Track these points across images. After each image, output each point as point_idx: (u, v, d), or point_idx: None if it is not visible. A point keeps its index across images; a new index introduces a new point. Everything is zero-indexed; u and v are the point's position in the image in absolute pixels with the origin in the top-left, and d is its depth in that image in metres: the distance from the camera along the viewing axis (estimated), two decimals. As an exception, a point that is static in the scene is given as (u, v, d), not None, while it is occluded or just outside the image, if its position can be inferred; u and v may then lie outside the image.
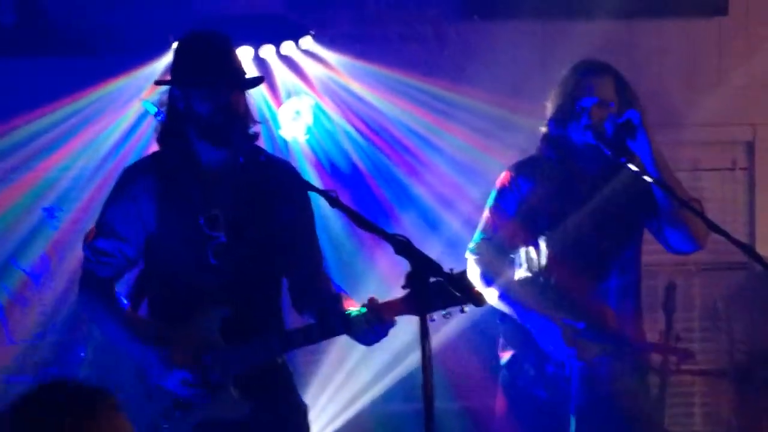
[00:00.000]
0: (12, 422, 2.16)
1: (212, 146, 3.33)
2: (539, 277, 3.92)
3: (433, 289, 3.13)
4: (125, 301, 3.47)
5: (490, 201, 4.02)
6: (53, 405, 2.17)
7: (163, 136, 3.42)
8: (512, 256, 4.01)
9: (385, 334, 3.27)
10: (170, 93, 3.38)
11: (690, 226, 3.79)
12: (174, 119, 3.37)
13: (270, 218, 3.43)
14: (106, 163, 5.48)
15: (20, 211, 5.43)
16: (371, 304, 3.25)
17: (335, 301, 3.38)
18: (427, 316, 3.13)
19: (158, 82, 3.53)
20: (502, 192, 3.98)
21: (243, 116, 3.32)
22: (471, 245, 4.00)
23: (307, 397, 5.14)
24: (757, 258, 3.49)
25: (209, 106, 3.26)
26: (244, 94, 3.36)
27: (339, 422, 5.16)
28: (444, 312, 3.22)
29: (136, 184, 3.39)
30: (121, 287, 3.50)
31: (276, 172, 3.43)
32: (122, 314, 3.41)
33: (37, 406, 2.17)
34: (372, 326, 3.23)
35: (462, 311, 3.24)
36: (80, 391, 2.21)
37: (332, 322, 3.30)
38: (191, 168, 3.37)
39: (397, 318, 3.27)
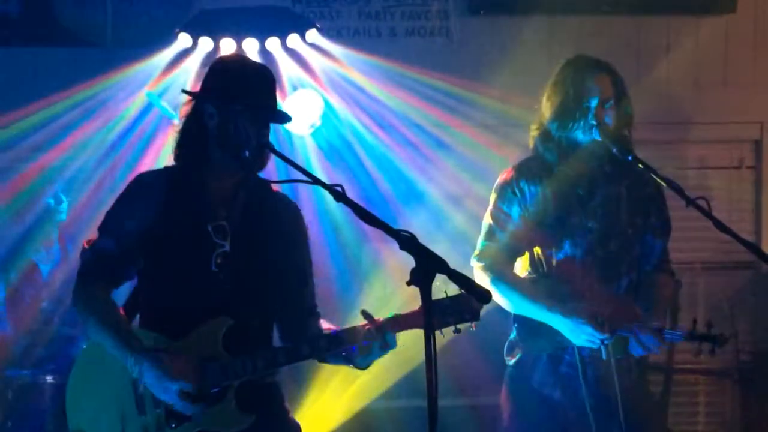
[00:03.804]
0: None
1: (236, 165, 3.34)
2: (547, 279, 3.90)
3: (443, 305, 3.16)
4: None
5: (491, 205, 3.97)
6: None
7: (182, 150, 3.41)
8: (519, 259, 3.97)
9: (385, 351, 3.28)
10: (200, 108, 3.36)
11: None
12: (198, 133, 3.37)
13: (273, 242, 3.43)
14: (111, 153, 5.48)
15: (26, 200, 5.41)
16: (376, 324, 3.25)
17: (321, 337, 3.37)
18: (438, 332, 3.15)
19: (203, 96, 3.42)
20: (503, 195, 3.93)
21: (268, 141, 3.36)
22: (476, 252, 3.95)
23: (312, 393, 5.16)
24: (764, 257, 3.48)
25: (248, 129, 3.28)
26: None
27: (344, 418, 5.16)
28: (454, 329, 3.24)
29: (146, 191, 3.38)
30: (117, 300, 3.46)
31: (287, 209, 3.47)
32: (119, 322, 3.36)
33: None
34: (372, 342, 3.25)
35: (472, 328, 3.25)
36: None
37: (342, 335, 3.31)
38: (207, 182, 3.38)
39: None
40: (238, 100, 3.31)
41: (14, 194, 5.33)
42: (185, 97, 3.43)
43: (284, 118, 3.46)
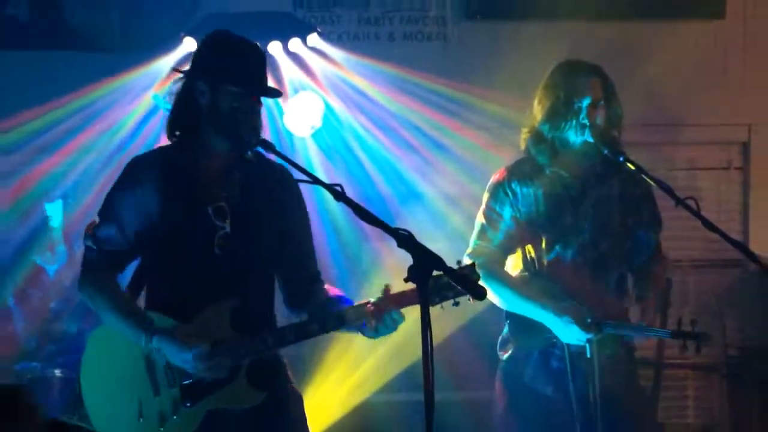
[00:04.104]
0: None
1: (229, 144, 3.34)
2: (538, 278, 3.90)
3: (441, 280, 3.14)
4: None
5: (483, 205, 3.98)
6: None
7: (175, 130, 3.39)
8: (512, 257, 3.98)
9: (393, 328, 3.28)
10: (191, 85, 3.34)
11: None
12: (190, 111, 3.35)
13: (272, 214, 3.44)
14: (117, 154, 5.48)
15: (30, 203, 5.38)
16: (379, 301, 3.27)
17: (330, 302, 3.40)
18: (440, 305, 3.17)
19: (194, 73, 3.38)
20: (496, 196, 3.94)
21: (260, 119, 3.37)
22: (468, 251, 3.96)
23: (313, 386, 5.17)
24: (751, 256, 3.49)
25: (238, 106, 3.29)
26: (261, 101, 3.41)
27: (344, 410, 5.17)
28: (452, 302, 3.22)
29: (142, 175, 3.37)
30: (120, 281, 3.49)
31: (281, 178, 3.44)
32: (126, 304, 3.38)
33: None
34: (381, 318, 3.26)
35: (470, 301, 3.24)
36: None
37: (349, 312, 3.31)
38: (201, 161, 3.37)
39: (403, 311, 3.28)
40: (229, 77, 3.28)
41: (19, 197, 5.28)
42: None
43: (274, 93, 3.44)
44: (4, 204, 5.30)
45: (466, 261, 3.88)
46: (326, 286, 3.51)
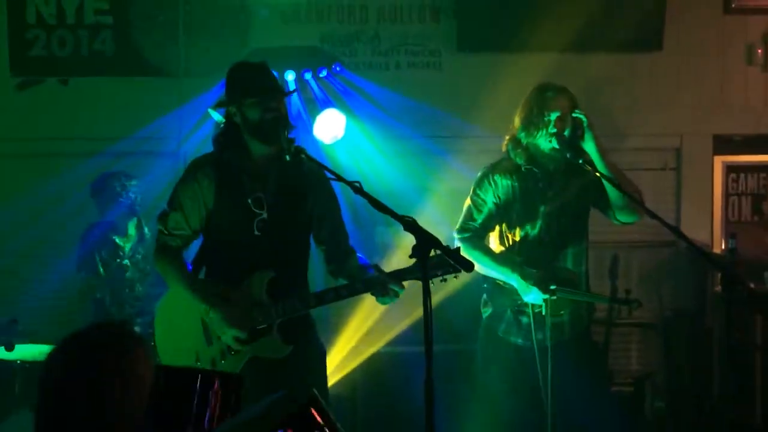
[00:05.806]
0: (64, 356, 1.97)
1: (262, 143, 3.36)
2: (511, 251, 3.92)
3: (432, 260, 3.18)
4: (189, 266, 3.51)
5: (471, 192, 4.00)
6: (97, 343, 2.01)
7: (220, 142, 3.45)
8: (491, 235, 4.00)
9: (396, 296, 3.34)
10: (227, 111, 3.44)
11: (632, 205, 3.79)
12: (231, 130, 3.41)
13: (302, 203, 3.47)
14: (182, 163, 5.44)
15: (111, 197, 5.28)
16: (383, 274, 3.33)
17: (360, 269, 3.45)
18: (440, 278, 3.28)
19: (218, 105, 3.55)
20: (481, 185, 3.95)
21: (286, 118, 3.35)
22: (457, 227, 3.99)
23: (334, 341, 5.16)
24: (683, 237, 3.49)
25: (259, 111, 3.31)
26: (285, 103, 3.42)
27: (358, 360, 5.17)
28: (441, 278, 3.30)
29: (201, 171, 3.43)
30: (187, 255, 3.55)
31: (311, 170, 3.44)
32: (188, 279, 3.44)
33: (81, 344, 2.01)
34: (385, 289, 3.32)
35: (456, 277, 3.31)
36: (121, 332, 2.08)
37: (357, 285, 3.38)
38: (244, 161, 3.41)
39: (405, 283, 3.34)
40: (246, 92, 3.35)
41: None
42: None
43: (285, 92, 3.51)
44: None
45: (456, 236, 3.95)
46: (359, 256, 3.54)
